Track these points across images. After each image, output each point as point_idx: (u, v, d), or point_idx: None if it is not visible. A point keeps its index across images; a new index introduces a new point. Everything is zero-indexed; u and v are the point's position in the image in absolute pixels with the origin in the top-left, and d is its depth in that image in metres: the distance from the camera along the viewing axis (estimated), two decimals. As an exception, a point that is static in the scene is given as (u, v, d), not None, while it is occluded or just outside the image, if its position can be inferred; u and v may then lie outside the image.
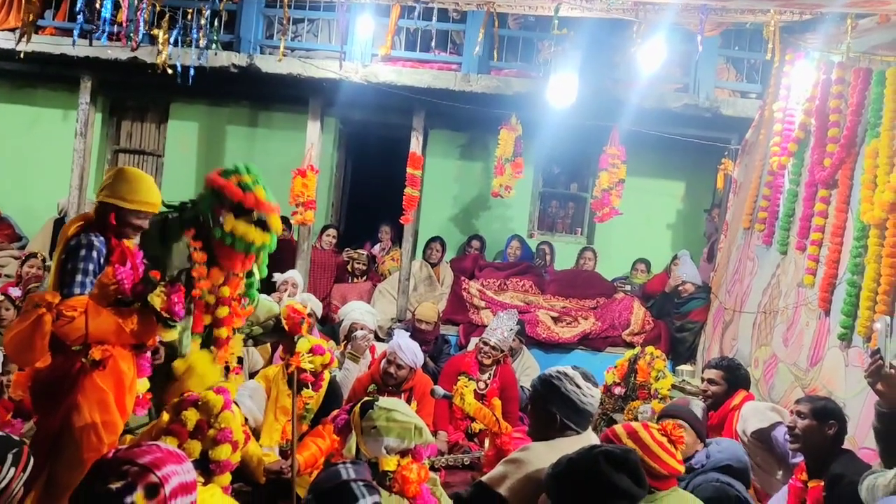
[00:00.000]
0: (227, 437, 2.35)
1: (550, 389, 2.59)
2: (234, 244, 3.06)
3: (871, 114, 3.93)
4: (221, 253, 3.09)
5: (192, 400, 2.39)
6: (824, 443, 3.11)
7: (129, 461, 1.67)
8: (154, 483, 1.63)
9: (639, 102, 6.51)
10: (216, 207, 3.05)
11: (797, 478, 3.26)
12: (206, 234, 3.08)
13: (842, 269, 4.11)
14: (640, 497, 1.97)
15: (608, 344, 6.67)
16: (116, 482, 1.61)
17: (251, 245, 3.09)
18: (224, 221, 3.05)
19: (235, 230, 3.05)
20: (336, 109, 7.41)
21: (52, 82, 7.78)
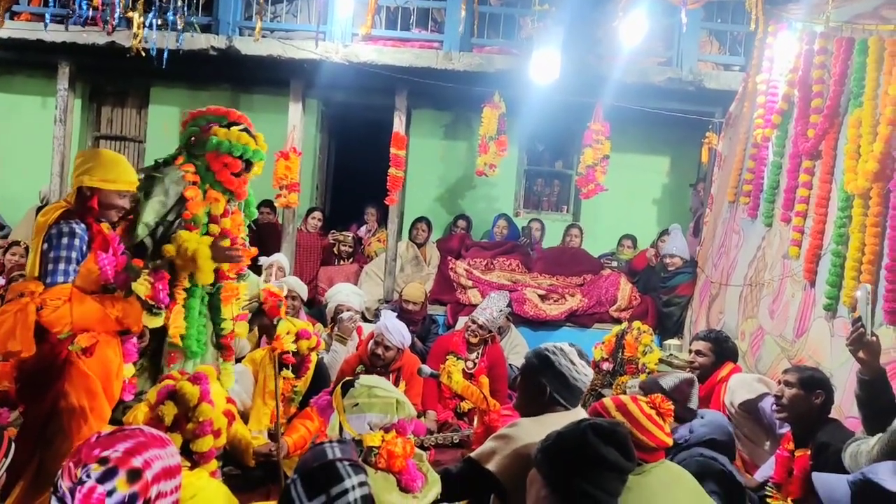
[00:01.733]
0: (206, 430, 2.32)
1: (544, 362, 2.60)
2: (232, 149, 3.15)
3: (854, 83, 3.92)
4: (217, 167, 3.16)
5: (167, 391, 2.35)
6: (811, 412, 3.16)
7: (110, 446, 1.65)
8: (136, 468, 1.62)
9: (622, 77, 6.48)
10: (203, 127, 3.18)
11: (784, 447, 3.30)
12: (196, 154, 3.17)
13: (826, 239, 4.12)
14: (628, 470, 1.97)
15: (595, 320, 6.69)
16: (98, 468, 1.60)
17: (246, 148, 3.19)
18: (214, 132, 3.15)
19: (230, 136, 3.16)
20: (318, 91, 7.33)
21: (30, 69, 7.65)
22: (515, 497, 2.45)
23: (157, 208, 3.09)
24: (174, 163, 3.20)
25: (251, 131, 3.30)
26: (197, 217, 3.16)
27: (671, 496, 2.33)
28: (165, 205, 3.09)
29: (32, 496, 2.78)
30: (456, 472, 2.61)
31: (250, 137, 3.25)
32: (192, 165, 3.19)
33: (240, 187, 3.33)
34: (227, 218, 3.29)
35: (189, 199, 3.14)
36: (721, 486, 2.83)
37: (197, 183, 3.17)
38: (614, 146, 6.85)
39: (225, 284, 3.34)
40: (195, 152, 3.22)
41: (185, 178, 3.14)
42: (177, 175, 3.14)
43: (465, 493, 2.78)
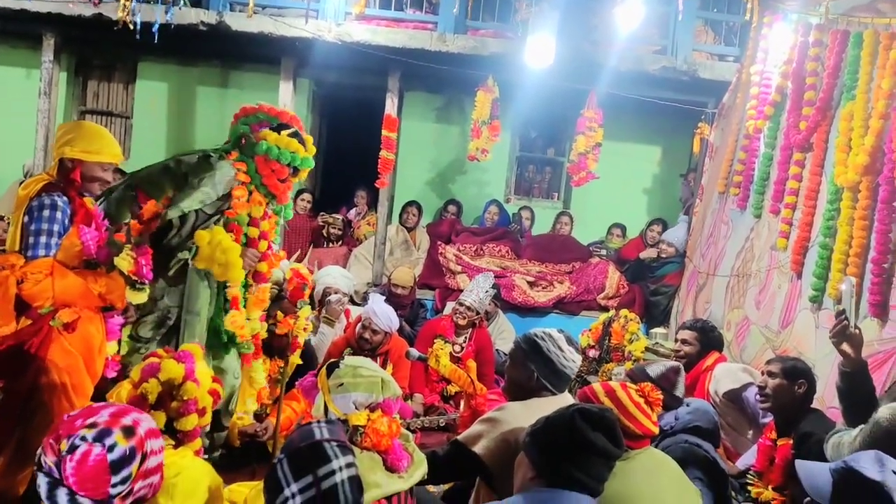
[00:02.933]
0: (190, 408, 2.31)
1: (533, 348, 2.64)
2: (280, 156, 3.14)
3: (848, 76, 3.92)
4: (265, 171, 3.15)
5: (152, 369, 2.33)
6: (794, 402, 3.19)
7: (94, 414, 1.67)
8: (128, 425, 1.67)
9: (616, 65, 6.45)
10: (254, 126, 3.16)
11: (766, 436, 3.33)
12: (247, 154, 3.15)
13: (814, 232, 4.14)
14: (616, 456, 1.97)
15: (583, 308, 6.71)
16: (90, 430, 1.62)
17: (295, 156, 3.18)
18: (265, 136, 3.13)
19: (279, 142, 3.15)
20: (309, 70, 7.24)
21: (14, 39, 7.47)
22: (501, 480, 2.46)
23: (200, 198, 3.02)
24: (227, 157, 3.14)
25: (301, 135, 3.27)
26: (240, 217, 3.14)
27: (655, 482, 2.35)
28: (210, 197, 3.03)
29: (14, 472, 2.76)
30: (442, 454, 2.62)
31: (300, 144, 3.22)
32: (245, 165, 3.15)
33: (284, 192, 3.31)
34: (266, 221, 3.27)
35: (236, 199, 3.11)
36: (705, 472, 2.85)
37: (246, 183, 3.14)
38: (607, 134, 6.83)
39: (259, 287, 3.34)
40: (246, 152, 3.17)
41: (237, 177, 3.11)
42: (230, 172, 3.10)
43: (451, 475, 2.79)
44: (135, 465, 1.66)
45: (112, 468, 1.61)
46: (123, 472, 1.63)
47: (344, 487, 1.68)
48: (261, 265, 3.26)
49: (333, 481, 1.68)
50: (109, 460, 1.61)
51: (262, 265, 3.27)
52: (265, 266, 3.29)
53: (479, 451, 2.50)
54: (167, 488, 2.00)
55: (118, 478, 1.62)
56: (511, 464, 2.41)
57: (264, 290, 3.36)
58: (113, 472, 1.61)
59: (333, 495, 1.67)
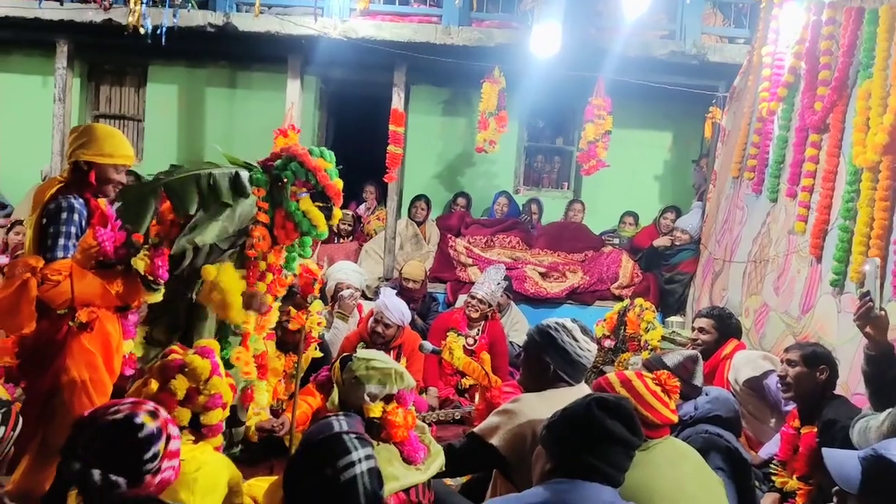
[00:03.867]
0: (217, 402, 2.33)
1: (546, 339, 2.61)
2: (300, 224, 3.07)
3: (864, 54, 3.83)
4: (281, 224, 3.08)
5: (177, 365, 2.34)
6: (816, 389, 3.13)
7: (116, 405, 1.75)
8: (150, 409, 1.74)
9: (624, 51, 6.38)
10: (299, 182, 3.05)
11: (789, 425, 3.27)
12: (274, 199, 3.06)
13: (833, 214, 4.06)
14: (634, 445, 1.95)
15: (596, 298, 6.66)
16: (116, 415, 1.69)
17: (312, 229, 3.11)
18: (301, 200, 3.06)
19: (309, 212, 3.07)
20: (316, 68, 7.24)
21: (28, 48, 7.57)
22: (519, 472, 2.44)
23: (216, 232, 2.97)
24: (254, 192, 3.05)
25: (332, 210, 3.19)
26: (258, 255, 3.10)
27: (676, 472, 2.31)
28: (227, 231, 2.99)
29: (38, 470, 2.80)
30: (459, 447, 2.60)
31: (322, 217, 3.14)
32: (267, 205, 3.06)
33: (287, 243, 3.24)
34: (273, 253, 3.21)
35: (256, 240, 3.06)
36: (726, 462, 2.82)
37: (266, 224, 3.07)
38: (616, 122, 6.76)
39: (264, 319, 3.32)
40: (276, 197, 3.08)
41: (257, 216, 3.06)
42: (251, 211, 3.04)
43: (468, 467, 2.77)
44: (161, 444, 1.72)
45: (143, 445, 1.68)
46: (153, 448, 1.69)
47: (364, 479, 1.68)
48: (266, 297, 3.21)
49: (353, 473, 1.68)
50: (140, 437, 1.68)
51: (267, 297, 3.22)
52: (270, 298, 3.24)
53: (496, 443, 2.48)
54: (188, 483, 2.03)
55: (149, 454, 1.68)
56: (528, 456, 2.39)
57: (269, 319, 3.33)
58: (144, 449, 1.67)
59: (353, 487, 1.66)
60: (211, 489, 2.14)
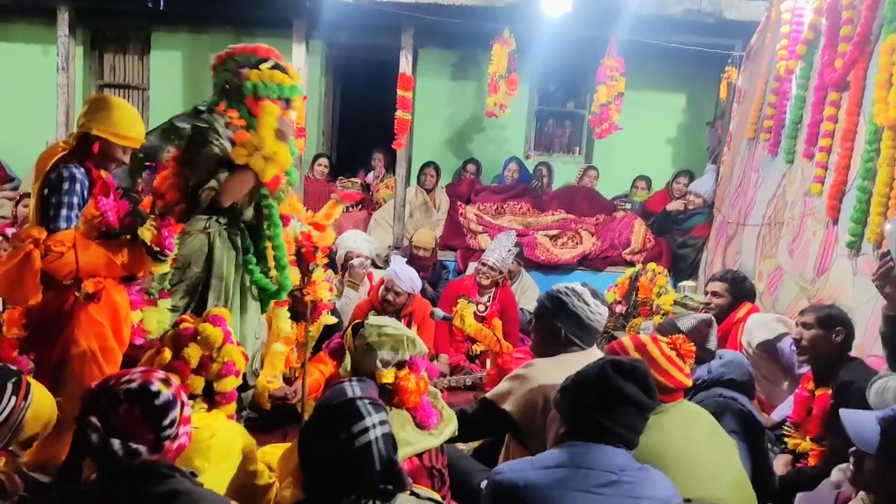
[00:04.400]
0: (230, 369, 2.35)
1: (557, 304, 2.63)
2: (269, 91, 3.04)
3: (889, 7, 3.69)
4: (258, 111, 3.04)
5: (190, 334, 2.33)
6: (832, 351, 3.10)
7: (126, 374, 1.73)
8: (162, 377, 1.74)
9: (637, 9, 6.20)
10: (234, 71, 3.06)
11: (804, 387, 3.25)
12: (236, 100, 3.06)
13: (851, 175, 3.98)
14: (649, 407, 1.96)
15: (608, 263, 6.62)
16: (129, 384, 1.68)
17: (282, 87, 3.08)
18: (248, 75, 3.04)
19: (263, 77, 3.04)
20: (321, 32, 7.13)
21: (29, 15, 7.47)
22: (532, 436, 2.45)
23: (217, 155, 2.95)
24: (217, 109, 3.05)
25: (282, 65, 3.15)
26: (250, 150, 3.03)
27: (690, 435, 2.33)
28: (225, 151, 2.95)
29: (53, 441, 2.79)
30: (472, 412, 2.63)
31: (283, 74, 3.10)
32: (235, 111, 3.05)
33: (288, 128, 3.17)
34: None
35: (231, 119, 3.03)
36: (740, 425, 2.82)
37: (244, 127, 3.03)
38: (628, 83, 6.61)
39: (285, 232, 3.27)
40: (234, 98, 3.07)
41: (232, 123, 3.03)
42: (224, 121, 3.02)
43: (480, 432, 2.79)
44: (178, 410, 1.72)
45: (161, 412, 1.68)
46: (171, 414, 1.69)
47: (378, 444, 1.67)
48: (283, 207, 3.19)
49: (367, 438, 1.67)
50: (157, 404, 1.67)
51: (283, 207, 3.19)
52: (287, 207, 3.22)
53: (508, 408, 2.50)
54: (203, 451, 2.04)
55: (168, 420, 1.68)
56: (541, 421, 2.40)
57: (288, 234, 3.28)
58: (162, 416, 1.67)
59: (368, 452, 1.65)
60: (225, 456, 2.15)
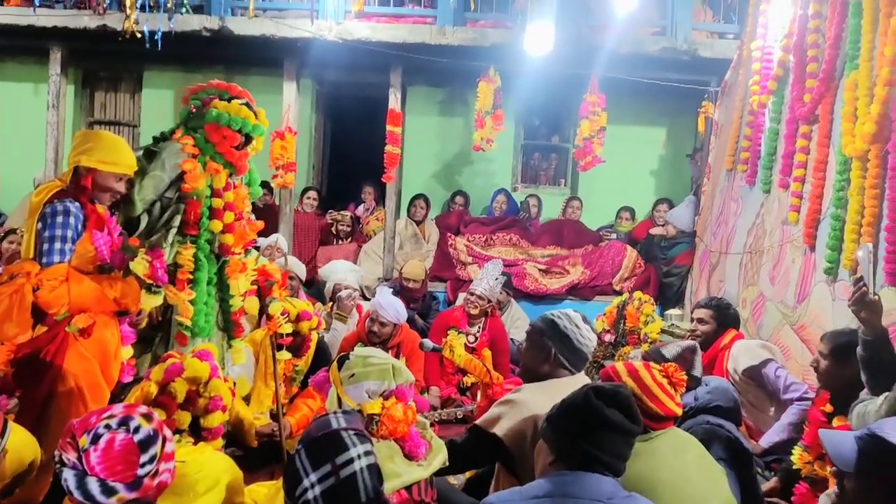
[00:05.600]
0: (217, 404, 2.32)
1: (550, 325, 2.66)
2: (231, 122, 3.11)
3: (850, 46, 3.88)
4: (217, 139, 3.11)
5: (177, 369, 2.35)
6: (849, 380, 2.95)
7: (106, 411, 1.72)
8: (144, 413, 1.72)
9: (616, 48, 6.42)
10: (204, 100, 3.13)
11: (818, 408, 3.16)
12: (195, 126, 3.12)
13: (825, 203, 4.10)
14: (634, 432, 1.96)
15: (596, 293, 6.71)
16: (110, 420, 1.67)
17: (246, 122, 3.15)
18: (214, 104, 3.11)
19: (229, 109, 3.12)
20: (311, 70, 7.28)
21: (21, 55, 7.58)
22: (522, 463, 2.44)
23: (153, 184, 3.00)
24: (171, 137, 3.12)
25: (252, 106, 3.25)
26: (198, 191, 3.09)
27: (680, 462, 2.31)
28: (163, 180, 3.00)
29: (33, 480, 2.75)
30: (461, 441, 2.61)
31: (250, 112, 3.20)
32: (191, 138, 3.11)
33: (240, 161, 3.26)
34: (230, 192, 3.23)
35: (187, 172, 3.06)
36: (728, 452, 2.81)
37: (196, 155, 3.08)
38: (610, 118, 6.80)
39: (231, 259, 3.27)
40: (193, 125, 3.15)
41: (183, 150, 3.06)
42: (175, 148, 3.06)
43: (471, 461, 2.76)
44: (158, 446, 1.69)
45: (140, 448, 1.65)
46: (150, 451, 1.66)
47: (363, 475, 1.68)
48: (225, 237, 3.21)
49: (352, 469, 1.68)
50: (136, 441, 1.65)
51: (226, 237, 3.21)
52: (230, 238, 3.22)
53: (498, 432, 2.49)
54: (190, 485, 2.03)
55: (147, 457, 1.65)
56: (531, 447, 2.39)
57: (238, 263, 3.29)
58: (141, 452, 1.65)
59: (353, 483, 1.67)
60: (211, 489, 2.13)
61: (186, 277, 3.11)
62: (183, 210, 3.08)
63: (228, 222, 3.20)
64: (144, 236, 3.01)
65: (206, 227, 3.15)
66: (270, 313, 3.49)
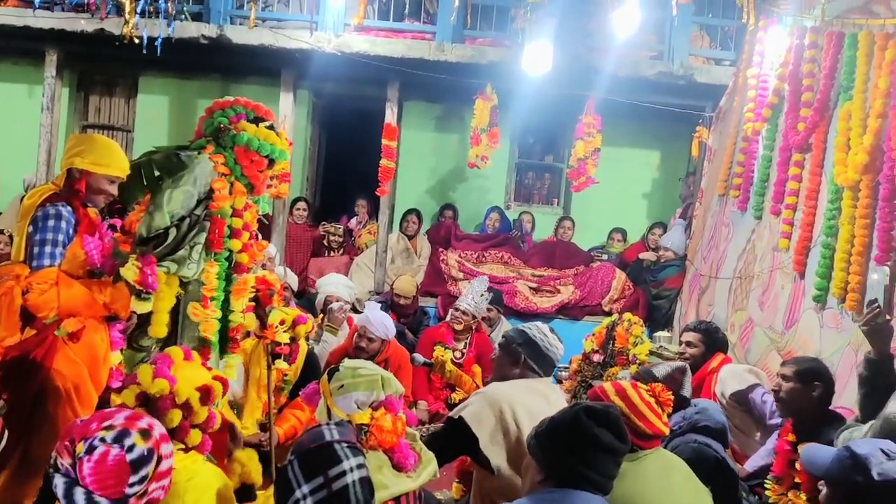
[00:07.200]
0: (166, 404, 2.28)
1: (520, 334, 2.90)
2: (260, 148, 3.13)
3: (844, 77, 3.95)
4: (244, 162, 3.14)
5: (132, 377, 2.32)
6: (810, 405, 3.04)
7: (109, 418, 1.70)
8: (144, 428, 1.70)
9: (614, 70, 6.48)
10: (232, 119, 3.13)
11: (783, 439, 3.17)
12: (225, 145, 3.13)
13: (816, 231, 4.15)
14: (622, 452, 1.96)
15: (586, 313, 6.72)
16: (108, 433, 1.65)
17: (273, 148, 3.18)
18: (244, 127, 3.11)
19: (259, 134, 3.13)
20: (309, 82, 7.29)
21: (17, 56, 7.55)
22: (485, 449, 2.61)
23: (182, 199, 2.97)
24: (203, 151, 3.09)
25: (276, 128, 3.27)
26: (223, 210, 3.10)
27: (666, 483, 2.33)
28: (193, 196, 2.98)
29: (19, 484, 2.74)
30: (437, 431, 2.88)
31: (276, 136, 3.22)
32: (223, 157, 3.11)
33: (262, 184, 3.29)
34: (248, 211, 3.25)
35: (217, 192, 3.07)
36: (714, 472, 2.81)
37: (227, 175, 3.10)
38: (605, 139, 6.85)
39: (241, 278, 3.28)
40: (223, 143, 3.14)
41: (216, 169, 3.07)
42: (208, 166, 3.05)
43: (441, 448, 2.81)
44: (151, 466, 1.68)
45: (132, 468, 1.64)
46: (141, 472, 1.65)
47: (355, 488, 1.68)
48: (241, 256, 3.22)
49: (345, 482, 1.67)
50: (129, 460, 1.64)
51: (242, 256, 3.22)
52: (245, 257, 3.24)
53: (464, 415, 2.67)
54: (179, 493, 2.01)
55: (136, 477, 1.64)
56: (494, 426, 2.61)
57: (246, 281, 3.30)
58: (132, 472, 1.64)
59: (345, 496, 1.66)
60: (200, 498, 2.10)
61: (211, 295, 3.12)
62: (208, 228, 3.09)
63: (245, 241, 3.23)
64: (171, 251, 2.99)
65: (227, 246, 3.17)
66: (269, 322, 3.50)
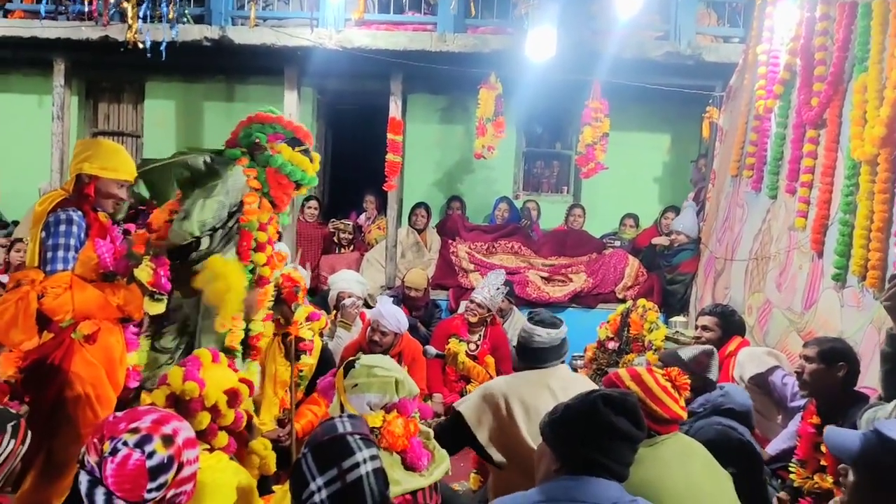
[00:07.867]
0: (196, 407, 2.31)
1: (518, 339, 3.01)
2: (291, 173, 3.17)
3: (858, 48, 3.84)
4: (273, 183, 3.16)
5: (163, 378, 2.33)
6: (834, 386, 2.99)
7: (137, 419, 1.73)
8: (168, 434, 1.72)
9: (619, 53, 6.38)
10: (270, 136, 3.16)
11: (807, 422, 3.14)
12: (259, 162, 3.15)
13: (833, 209, 4.06)
14: (639, 439, 1.94)
15: (599, 301, 6.66)
16: (132, 436, 1.68)
17: (304, 175, 3.23)
18: (281, 150, 3.14)
19: (293, 159, 3.17)
20: (312, 79, 7.28)
21: (26, 67, 7.62)
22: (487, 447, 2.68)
23: (215, 208, 3.00)
24: (237, 163, 3.11)
25: (310, 153, 3.31)
26: (251, 223, 3.13)
27: (685, 468, 2.31)
28: (224, 206, 3.02)
29: (45, 485, 2.81)
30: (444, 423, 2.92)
31: (309, 163, 3.27)
32: (256, 171, 3.14)
33: (286, 203, 3.34)
34: (271, 225, 3.28)
35: (248, 205, 3.11)
36: (738, 454, 2.78)
37: (259, 190, 3.14)
38: (613, 124, 6.76)
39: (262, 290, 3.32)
40: (258, 160, 3.16)
41: (248, 184, 3.11)
42: (241, 180, 3.09)
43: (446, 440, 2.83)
44: (171, 474, 1.70)
45: (150, 474, 1.66)
46: (160, 479, 1.67)
47: (369, 479, 1.67)
48: (264, 269, 3.26)
49: (358, 473, 1.67)
50: (148, 466, 1.66)
51: (265, 269, 3.26)
52: (268, 270, 3.28)
53: (462, 410, 2.72)
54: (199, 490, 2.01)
55: (154, 484, 1.66)
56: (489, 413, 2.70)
57: (266, 293, 3.34)
58: (150, 478, 1.66)
59: (359, 487, 1.66)
60: (221, 495, 2.12)
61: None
62: (237, 241, 3.13)
63: (269, 255, 3.27)
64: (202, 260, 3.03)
65: (252, 259, 3.20)
66: (295, 318, 3.60)
